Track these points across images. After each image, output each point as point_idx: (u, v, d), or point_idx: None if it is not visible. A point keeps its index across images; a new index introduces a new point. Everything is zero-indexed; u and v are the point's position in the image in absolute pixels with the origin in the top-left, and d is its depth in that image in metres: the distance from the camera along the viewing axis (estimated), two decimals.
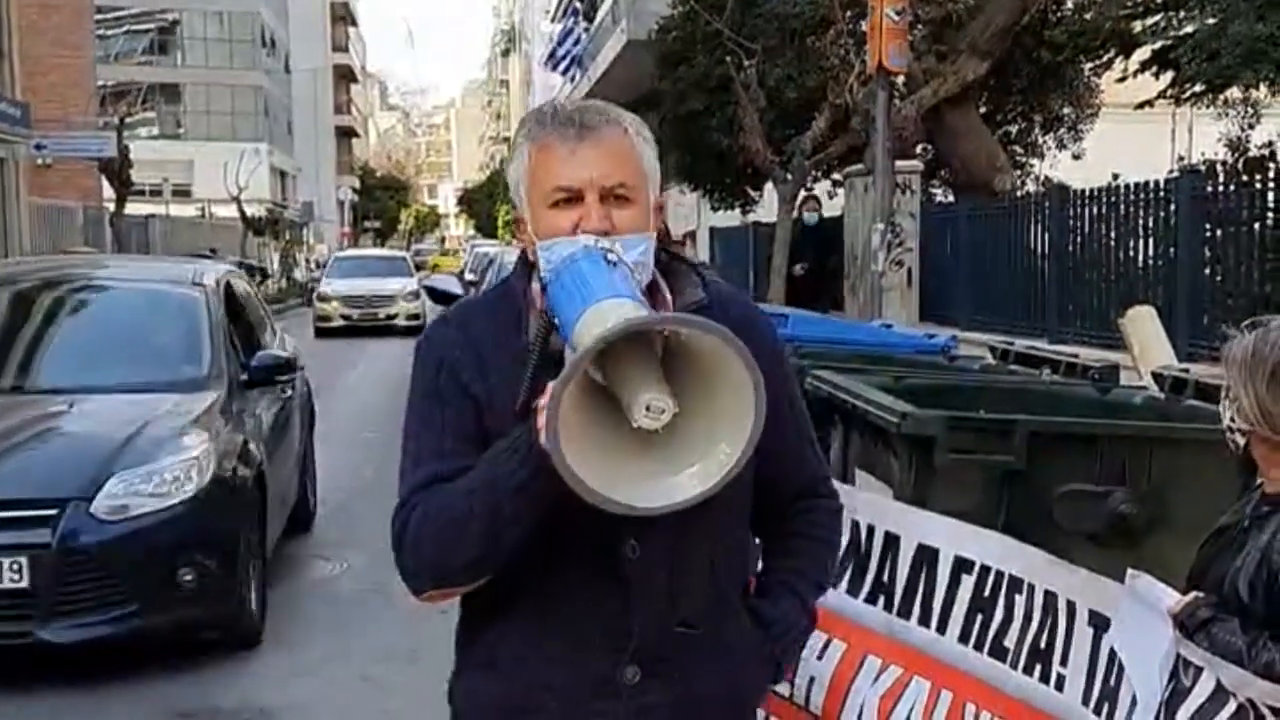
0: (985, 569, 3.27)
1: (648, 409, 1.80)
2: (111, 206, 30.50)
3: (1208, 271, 10.72)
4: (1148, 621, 2.74)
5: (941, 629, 3.36)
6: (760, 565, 2.40)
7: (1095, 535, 3.93)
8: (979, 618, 3.26)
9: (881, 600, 3.53)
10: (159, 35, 63.59)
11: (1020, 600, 3.16)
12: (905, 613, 3.46)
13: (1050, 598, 3.10)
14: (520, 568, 2.07)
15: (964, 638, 3.30)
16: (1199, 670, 2.58)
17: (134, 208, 32.97)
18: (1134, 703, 2.73)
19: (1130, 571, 2.84)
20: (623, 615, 2.11)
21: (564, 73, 41.15)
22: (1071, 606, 3.03)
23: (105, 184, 31.56)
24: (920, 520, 3.52)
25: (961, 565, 3.32)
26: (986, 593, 3.24)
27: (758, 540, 2.40)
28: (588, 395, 1.82)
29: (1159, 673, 2.66)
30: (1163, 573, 3.14)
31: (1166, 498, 3.95)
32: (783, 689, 3.70)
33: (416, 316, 26.83)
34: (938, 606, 3.36)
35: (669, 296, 2.18)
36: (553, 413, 1.75)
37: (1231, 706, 2.52)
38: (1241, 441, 2.84)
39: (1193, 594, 2.81)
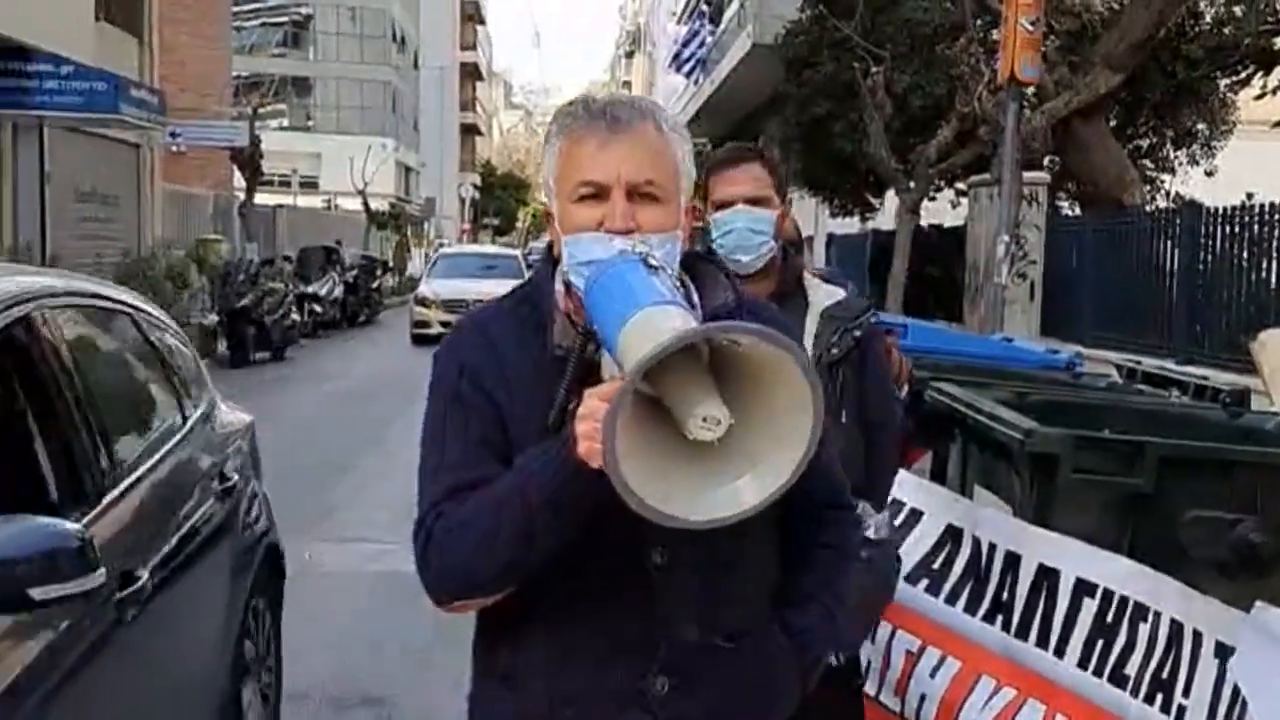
0: (1109, 593, 3.21)
1: (703, 421, 1.74)
2: (241, 195, 31.11)
3: None
4: (1274, 656, 2.67)
5: (1060, 653, 3.30)
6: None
7: (1223, 564, 3.82)
8: (1100, 643, 3.19)
9: (999, 620, 3.47)
10: (293, 29, 64.78)
11: (1144, 627, 3.10)
12: (1023, 634, 3.40)
13: (1176, 626, 3.02)
14: (543, 577, 2.01)
15: (1083, 663, 3.23)
16: None
17: (262, 198, 33.60)
18: None
19: (1258, 604, 2.77)
20: (651, 625, 2.06)
21: (688, 75, 41.14)
22: (1198, 636, 2.96)
23: (236, 173, 32.20)
24: (1043, 540, 3.45)
25: (1084, 588, 3.26)
26: (1109, 618, 3.17)
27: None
28: (636, 406, 1.76)
29: None
30: None
31: None
32: (892, 703, 3.66)
33: None
34: (1057, 629, 3.30)
35: (697, 299, 2.13)
36: (609, 430, 1.69)
37: None
38: None
39: None
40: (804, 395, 1.76)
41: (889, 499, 3.50)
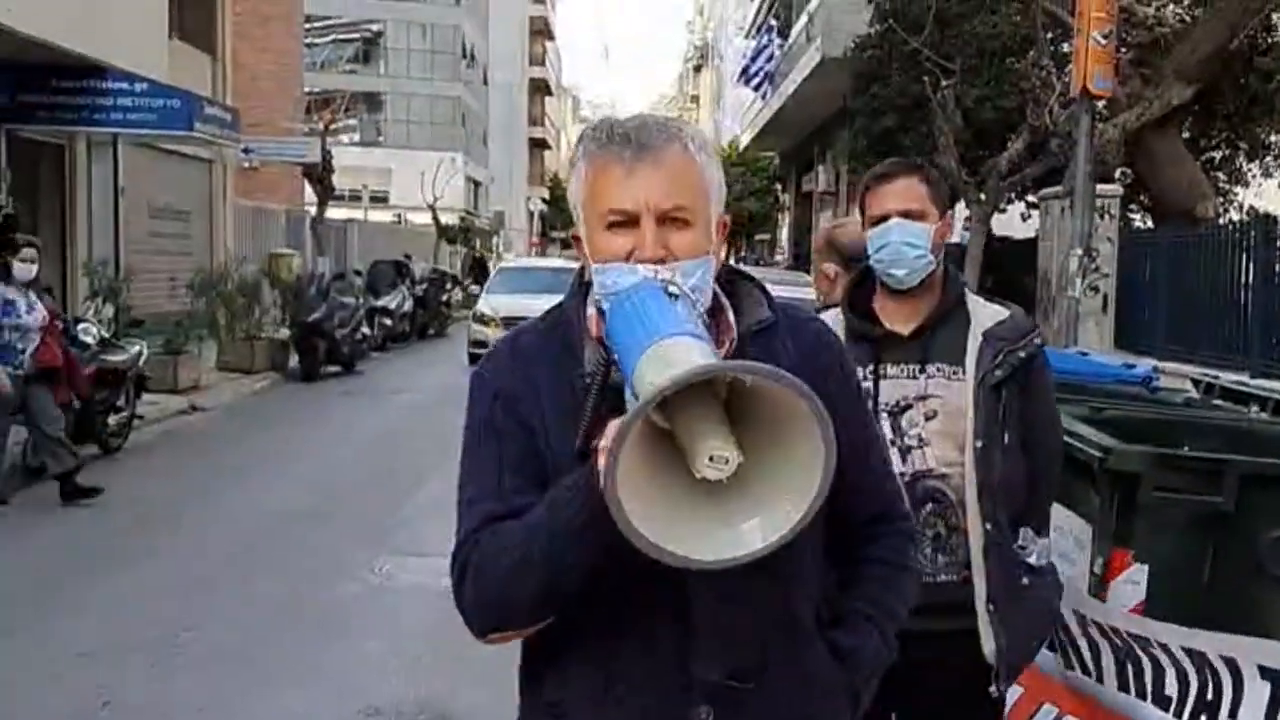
0: None
1: (710, 459, 1.70)
2: (313, 210, 31.38)
3: None
4: None
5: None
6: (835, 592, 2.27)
7: None
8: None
9: None
10: (363, 45, 65.44)
11: None
12: None
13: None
14: (583, 605, 1.98)
15: None
16: None
17: (333, 212, 33.84)
18: None
19: None
20: (691, 654, 2.01)
21: (756, 88, 41.05)
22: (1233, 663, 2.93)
23: (308, 188, 32.50)
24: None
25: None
26: None
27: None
28: (647, 440, 1.71)
29: None
30: None
31: None
32: None
33: None
34: None
35: (732, 318, 2.09)
36: (610, 464, 1.65)
37: None
38: None
39: None
40: (814, 439, 1.71)
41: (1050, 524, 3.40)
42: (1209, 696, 3.00)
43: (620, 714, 2.04)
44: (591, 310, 2.08)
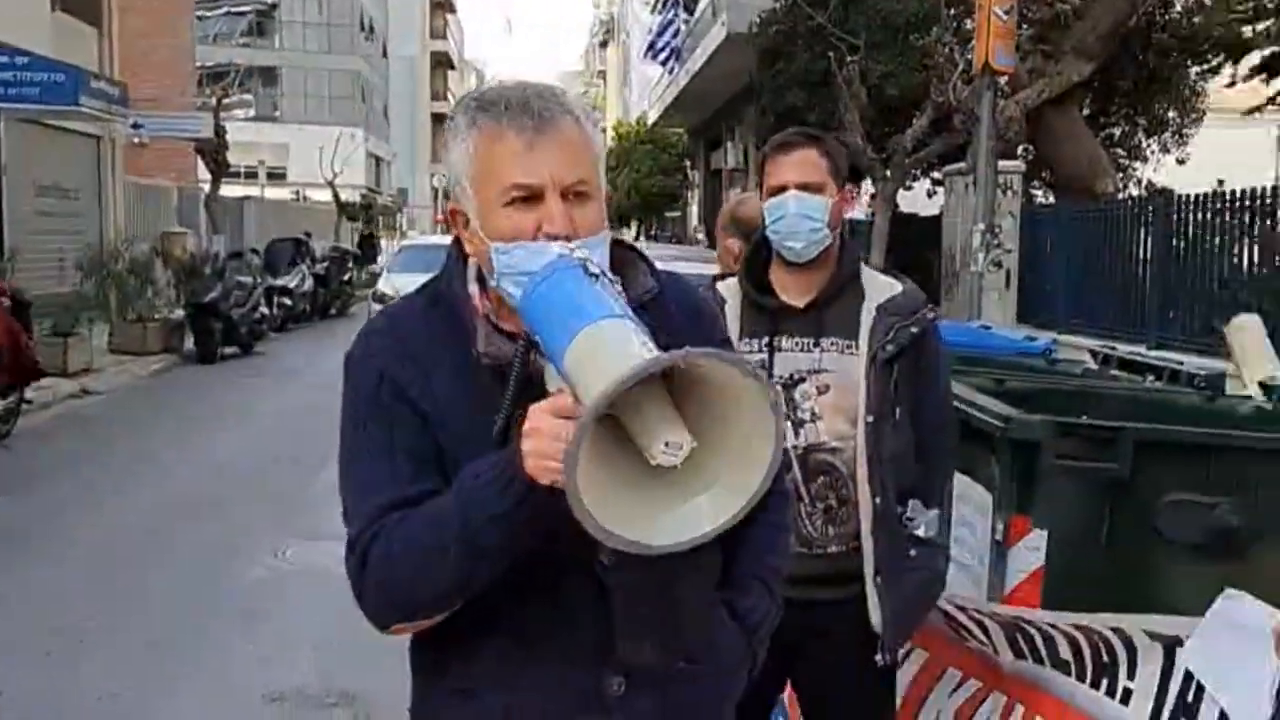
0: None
1: (666, 445, 1.68)
2: (206, 187, 30.90)
3: None
4: (1243, 644, 2.66)
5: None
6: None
7: (1200, 546, 3.83)
8: None
9: None
10: (258, 18, 64.46)
11: None
12: None
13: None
14: (494, 587, 1.93)
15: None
16: None
17: (229, 189, 33.33)
18: None
19: (1227, 591, 2.76)
20: (606, 626, 1.99)
21: (663, 64, 41.14)
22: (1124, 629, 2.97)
23: (201, 165, 31.98)
24: None
25: None
26: None
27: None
28: (594, 429, 1.68)
29: (1267, 697, 2.59)
30: (1268, 585, 3.06)
31: (1274, 509, 3.85)
32: None
33: None
34: None
35: (621, 289, 2.05)
36: (571, 465, 1.62)
37: None
38: None
39: None
40: (767, 420, 1.71)
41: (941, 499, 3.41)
42: (1104, 659, 3.02)
43: (531, 691, 2.01)
44: (474, 289, 2.03)
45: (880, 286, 3.24)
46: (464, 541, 1.83)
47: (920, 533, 3.16)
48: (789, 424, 3.06)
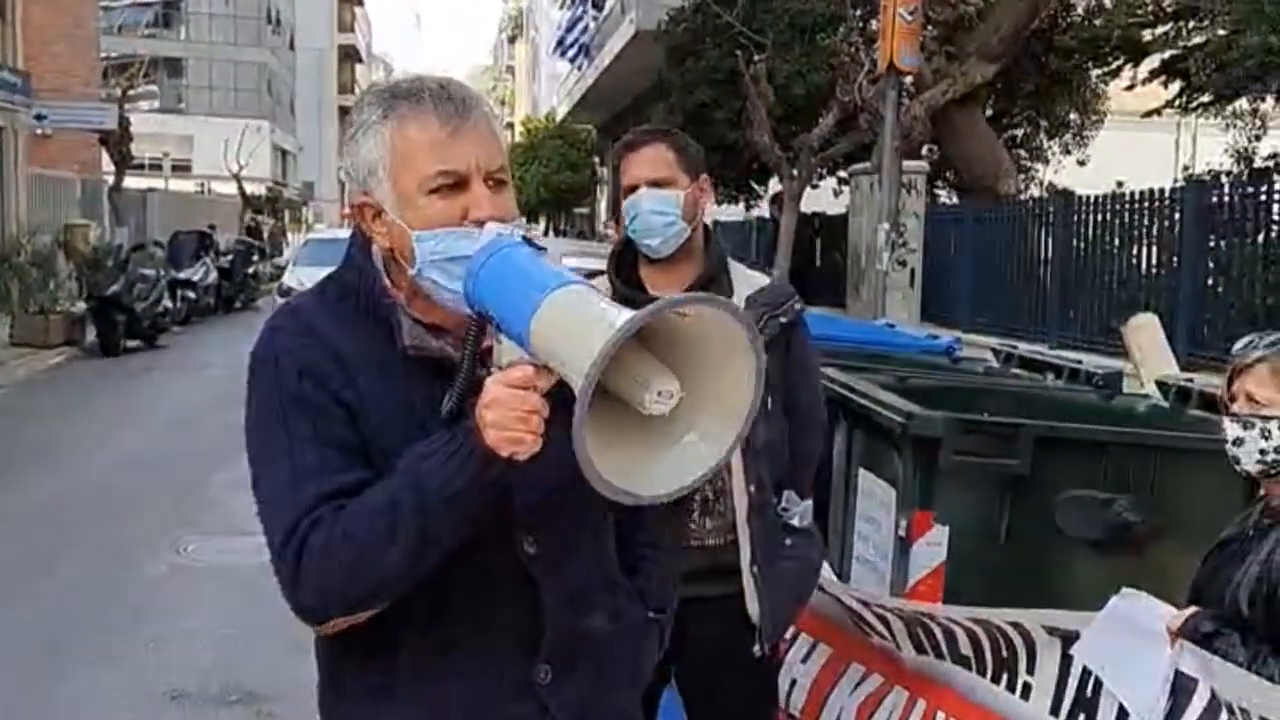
0: None
1: (659, 394, 1.71)
2: (110, 179, 30.34)
3: (1210, 281, 10.72)
4: (1138, 640, 2.72)
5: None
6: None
7: (1098, 542, 3.91)
8: None
9: None
10: (164, 9, 63.35)
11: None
12: None
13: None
14: (417, 583, 1.90)
15: None
16: (1194, 682, 2.58)
17: (133, 181, 32.82)
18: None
19: (1124, 590, 2.82)
20: (532, 615, 1.99)
21: (571, 60, 41.03)
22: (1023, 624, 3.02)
23: (105, 156, 31.41)
24: None
25: None
26: None
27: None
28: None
29: (1160, 691, 2.64)
30: (1164, 581, 3.12)
31: (1170, 506, 3.93)
32: None
33: None
34: None
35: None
36: (580, 433, 1.62)
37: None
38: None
39: (1191, 609, 2.80)
40: (748, 358, 1.75)
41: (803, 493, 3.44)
42: (1003, 654, 3.07)
43: (457, 686, 1.98)
44: (386, 280, 2.01)
45: (748, 279, 3.28)
46: (415, 524, 1.81)
47: (795, 522, 3.19)
48: None
